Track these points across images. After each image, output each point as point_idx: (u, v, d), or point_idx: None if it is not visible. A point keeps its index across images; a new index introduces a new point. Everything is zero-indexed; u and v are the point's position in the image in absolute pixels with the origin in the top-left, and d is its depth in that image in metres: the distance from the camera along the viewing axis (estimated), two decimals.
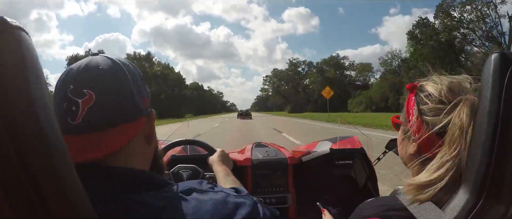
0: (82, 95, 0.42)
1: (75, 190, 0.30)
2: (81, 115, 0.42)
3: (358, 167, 1.33)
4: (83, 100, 0.42)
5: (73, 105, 0.42)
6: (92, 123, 0.42)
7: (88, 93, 0.42)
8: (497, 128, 0.41)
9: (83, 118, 0.42)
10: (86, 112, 0.42)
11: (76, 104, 0.42)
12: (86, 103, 0.42)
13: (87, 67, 0.45)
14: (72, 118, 0.42)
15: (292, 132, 11.18)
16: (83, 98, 0.42)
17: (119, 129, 0.44)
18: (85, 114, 0.42)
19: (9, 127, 0.25)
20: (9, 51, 0.27)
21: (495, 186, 0.42)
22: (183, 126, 2.20)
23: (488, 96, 0.42)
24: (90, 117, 0.42)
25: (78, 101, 0.42)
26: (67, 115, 0.42)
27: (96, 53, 0.49)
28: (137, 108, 0.47)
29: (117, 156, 0.45)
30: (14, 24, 0.28)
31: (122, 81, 0.46)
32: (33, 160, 0.27)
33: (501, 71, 0.42)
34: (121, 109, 0.45)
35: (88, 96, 0.42)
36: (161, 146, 1.15)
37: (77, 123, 0.42)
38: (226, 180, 0.83)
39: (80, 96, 0.42)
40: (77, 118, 0.42)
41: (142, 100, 0.48)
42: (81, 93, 0.42)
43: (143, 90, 0.49)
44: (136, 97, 0.47)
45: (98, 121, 0.43)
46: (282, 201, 1.25)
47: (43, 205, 0.27)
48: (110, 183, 0.43)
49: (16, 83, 0.27)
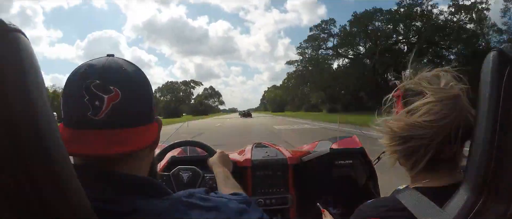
0: (109, 91, 0.42)
1: (74, 191, 0.30)
2: (105, 111, 0.42)
3: (358, 167, 1.33)
4: (109, 96, 0.42)
5: (97, 100, 0.42)
6: (115, 120, 0.42)
7: (114, 90, 0.42)
8: (497, 126, 0.41)
9: (107, 114, 0.42)
10: (110, 108, 0.42)
11: (100, 99, 0.42)
12: (111, 99, 0.42)
13: (111, 65, 0.45)
14: (94, 113, 0.42)
15: None
16: (110, 94, 0.42)
17: (142, 130, 0.45)
18: (109, 110, 0.42)
19: (9, 129, 0.26)
20: (7, 53, 0.27)
21: (495, 185, 0.42)
22: (183, 127, 2.20)
23: (487, 94, 0.42)
24: (114, 114, 0.42)
25: (104, 96, 0.42)
26: (87, 109, 0.42)
27: (111, 54, 0.49)
28: (153, 112, 0.48)
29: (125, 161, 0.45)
30: (12, 27, 0.28)
31: (144, 85, 0.47)
32: (33, 162, 0.27)
33: (500, 69, 0.42)
34: (143, 110, 0.46)
35: (115, 93, 0.42)
36: (161, 148, 1.15)
37: (100, 118, 0.42)
38: (226, 182, 0.83)
39: (107, 92, 0.42)
40: (100, 113, 0.42)
41: (154, 107, 0.50)
42: (107, 89, 0.42)
43: (153, 98, 0.51)
44: (152, 102, 0.49)
45: (122, 118, 0.43)
46: (282, 202, 1.25)
47: (43, 206, 0.27)
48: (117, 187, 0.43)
49: (14, 85, 0.27)
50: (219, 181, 0.85)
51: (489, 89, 0.42)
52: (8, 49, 0.27)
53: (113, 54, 0.49)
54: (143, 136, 0.45)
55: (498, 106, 0.41)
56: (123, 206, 0.41)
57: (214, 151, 1.07)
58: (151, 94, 0.48)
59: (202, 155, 1.20)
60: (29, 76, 0.28)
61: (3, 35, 0.27)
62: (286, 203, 1.25)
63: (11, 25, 0.28)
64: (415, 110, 0.50)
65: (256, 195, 1.23)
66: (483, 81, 0.44)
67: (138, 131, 0.45)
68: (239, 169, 1.22)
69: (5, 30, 0.27)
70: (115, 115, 0.42)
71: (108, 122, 0.42)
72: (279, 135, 11.52)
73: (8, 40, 0.27)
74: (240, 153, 1.40)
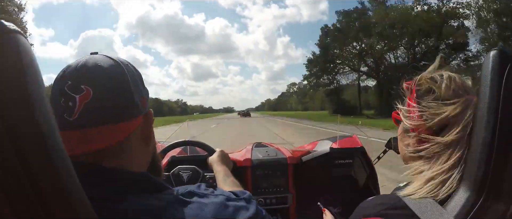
0: (80, 90, 0.42)
1: (74, 190, 0.31)
2: (78, 111, 0.42)
3: (358, 166, 1.33)
4: (81, 96, 0.42)
5: (70, 101, 0.42)
6: (88, 118, 0.42)
7: (85, 88, 0.43)
8: (497, 125, 0.41)
9: (80, 113, 0.42)
10: (83, 108, 0.42)
11: (72, 100, 0.42)
12: (83, 99, 0.42)
13: (86, 64, 0.45)
14: (69, 113, 0.42)
15: None
16: (81, 94, 0.42)
17: (116, 126, 0.44)
18: (82, 110, 0.42)
19: (9, 129, 0.26)
20: (6, 54, 0.27)
21: (495, 184, 0.42)
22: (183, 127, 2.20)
23: (487, 93, 0.42)
24: (86, 113, 0.42)
25: (75, 96, 0.42)
26: (63, 111, 0.42)
27: (95, 52, 0.49)
28: (135, 107, 0.47)
29: (113, 155, 0.45)
30: (11, 28, 0.28)
31: (120, 80, 0.46)
32: (33, 161, 0.27)
33: (500, 68, 0.42)
34: (119, 106, 0.45)
35: (86, 92, 0.42)
36: (160, 147, 1.15)
37: (74, 118, 0.42)
38: (226, 180, 0.83)
39: (78, 92, 0.42)
40: (74, 114, 0.42)
41: (141, 100, 0.48)
42: (78, 88, 0.42)
43: (142, 90, 0.50)
44: (135, 96, 0.47)
45: (95, 116, 0.43)
46: (283, 201, 1.25)
47: (43, 205, 0.27)
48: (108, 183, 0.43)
49: (14, 86, 0.27)
50: (219, 180, 0.85)
51: (489, 88, 0.42)
52: (7, 51, 0.27)
53: (96, 52, 0.49)
54: (121, 131, 0.45)
55: (498, 105, 0.41)
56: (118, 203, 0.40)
57: (214, 150, 1.07)
58: (130, 88, 0.46)
59: (202, 155, 1.20)
60: (29, 77, 0.28)
61: (2, 37, 0.27)
62: (286, 203, 1.25)
63: (10, 26, 0.28)
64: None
65: (256, 194, 1.23)
66: (483, 80, 0.44)
67: (116, 128, 0.44)
68: (239, 168, 1.22)
69: (4, 32, 0.27)
70: (89, 114, 0.42)
71: (81, 122, 0.42)
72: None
73: (7, 42, 0.27)
74: (240, 153, 1.40)
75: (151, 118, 0.51)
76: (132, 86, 0.47)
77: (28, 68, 0.28)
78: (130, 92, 0.46)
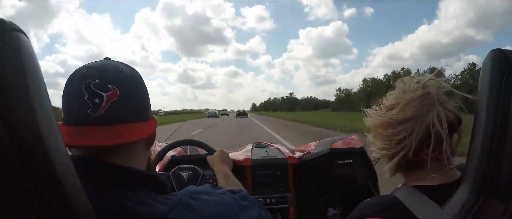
0: (107, 89, 0.45)
1: (74, 190, 0.31)
2: (104, 108, 0.44)
3: (358, 167, 1.33)
4: (108, 94, 0.45)
5: (97, 98, 0.44)
6: (114, 115, 0.45)
7: (113, 88, 0.46)
8: (496, 125, 0.41)
9: (106, 110, 0.44)
10: (109, 105, 0.45)
11: (100, 97, 0.44)
12: (110, 97, 0.45)
13: (107, 67, 0.48)
14: (94, 110, 0.44)
15: None
16: (108, 92, 0.45)
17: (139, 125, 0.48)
18: (109, 107, 0.45)
19: (9, 127, 0.26)
20: (7, 52, 0.27)
21: (494, 184, 0.42)
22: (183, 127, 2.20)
23: (487, 93, 0.42)
24: (112, 110, 0.45)
25: (103, 94, 0.45)
26: (87, 107, 0.44)
27: (108, 58, 0.52)
28: (149, 110, 0.51)
29: (122, 154, 0.47)
30: (13, 26, 0.28)
31: (140, 85, 0.51)
32: (33, 160, 0.27)
33: (499, 69, 0.42)
34: (139, 108, 0.49)
35: (113, 91, 0.45)
36: (161, 147, 1.15)
37: (99, 115, 0.44)
38: (227, 180, 0.83)
39: (105, 90, 0.45)
40: (100, 110, 0.44)
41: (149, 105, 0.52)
42: (106, 87, 0.45)
43: (149, 98, 0.53)
44: (148, 101, 0.52)
45: (120, 114, 0.46)
46: (282, 201, 1.25)
47: (42, 205, 0.27)
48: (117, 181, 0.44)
49: (15, 84, 0.27)
50: (220, 180, 0.85)
51: (489, 88, 0.42)
52: (8, 48, 0.27)
53: (109, 57, 0.53)
54: (139, 131, 0.48)
55: (497, 105, 0.41)
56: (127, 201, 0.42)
57: (214, 150, 1.07)
58: (147, 94, 0.52)
59: (202, 154, 1.20)
60: (29, 75, 0.28)
61: (3, 35, 0.27)
62: (286, 202, 1.25)
63: (11, 24, 0.28)
64: (392, 107, 0.53)
65: (255, 194, 1.23)
66: (482, 80, 0.44)
67: (134, 127, 0.47)
68: (239, 168, 1.22)
69: (5, 30, 0.27)
70: (114, 111, 0.45)
71: (107, 118, 0.45)
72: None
73: (8, 39, 0.27)
74: (239, 152, 1.40)
75: (156, 123, 0.54)
76: (146, 91, 0.52)
77: (29, 66, 0.28)
78: (147, 97, 0.51)
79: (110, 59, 0.52)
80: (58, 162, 0.29)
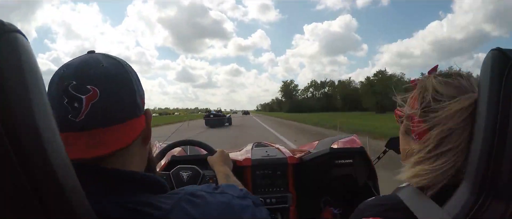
0: (86, 91, 0.41)
1: (73, 191, 0.31)
2: (85, 112, 0.40)
3: (358, 167, 1.33)
4: (87, 96, 0.41)
5: (76, 102, 0.41)
6: (96, 120, 0.41)
7: (92, 89, 0.41)
8: (496, 125, 0.41)
9: (86, 114, 0.41)
10: (90, 109, 0.41)
11: (79, 101, 0.41)
12: (90, 99, 0.41)
13: (87, 63, 0.44)
14: (74, 115, 0.41)
15: None
16: (87, 94, 0.41)
17: (124, 126, 0.43)
18: (89, 111, 0.41)
19: (8, 129, 0.26)
20: (6, 54, 0.27)
21: (494, 184, 0.42)
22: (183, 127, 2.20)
23: (487, 93, 0.42)
24: (94, 114, 0.41)
25: (82, 97, 0.41)
26: (67, 112, 0.41)
27: (92, 51, 0.48)
28: (138, 106, 0.46)
29: (117, 157, 0.44)
30: (11, 27, 0.28)
31: (125, 79, 0.45)
32: (32, 162, 0.27)
33: (500, 68, 0.41)
34: (125, 106, 0.44)
35: (93, 92, 0.41)
36: (161, 147, 1.15)
37: (80, 120, 0.41)
38: (227, 180, 0.83)
39: (84, 92, 0.41)
40: (80, 115, 0.40)
41: (140, 100, 0.48)
42: (84, 89, 0.41)
43: (141, 90, 0.49)
44: (137, 95, 0.47)
45: (102, 117, 0.42)
46: (282, 201, 1.25)
47: (43, 207, 0.27)
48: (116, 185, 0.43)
49: (14, 86, 0.27)
50: (220, 180, 0.85)
51: (489, 88, 0.42)
52: (6, 50, 0.27)
53: (93, 50, 0.48)
54: (128, 133, 0.44)
55: (498, 105, 0.41)
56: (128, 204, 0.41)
57: (214, 150, 1.07)
58: (134, 88, 0.46)
59: (202, 154, 1.20)
60: (28, 76, 0.28)
61: (1, 36, 0.27)
62: (286, 202, 1.25)
63: (9, 25, 0.28)
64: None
65: (256, 194, 1.23)
66: (482, 80, 0.44)
67: (122, 128, 0.43)
68: (239, 168, 1.22)
69: (4, 31, 0.27)
70: (96, 114, 0.41)
71: (89, 123, 0.41)
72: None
73: (6, 41, 0.27)
74: (240, 152, 1.40)
75: (150, 118, 0.51)
76: (134, 85, 0.46)
77: (28, 67, 0.28)
78: (133, 92, 0.46)
79: (94, 52, 0.48)
80: (57, 162, 0.29)
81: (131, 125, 0.44)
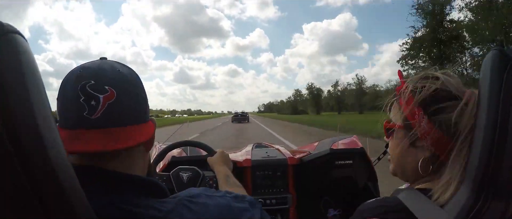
0: (104, 91, 0.43)
1: (73, 191, 0.31)
2: (101, 110, 0.43)
3: (358, 167, 1.33)
4: (105, 96, 0.43)
5: (93, 100, 0.43)
6: (111, 118, 0.43)
7: (109, 89, 0.44)
8: (496, 125, 0.41)
9: (103, 112, 0.43)
10: (106, 107, 0.43)
11: (96, 99, 0.43)
12: (107, 99, 0.43)
13: (103, 67, 0.46)
14: (90, 112, 0.42)
15: None
16: (105, 94, 0.43)
17: (137, 128, 0.46)
18: (105, 109, 0.43)
19: (8, 129, 0.26)
20: (5, 55, 0.27)
21: (495, 184, 0.41)
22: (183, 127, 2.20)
23: (487, 93, 0.42)
24: (109, 113, 0.43)
25: (100, 96, 0.43)
26: (83, 109, 0.42)
27: (104, 57, 0.51)
28: (147, 111, 0.50)
29: (120, 160, 0.46)
30: (10, 28, 0.28)
31: (138, 86, 0.49)
32: (32, 162, 0.27)
33: (500, 68, 0.41)
34: (137, 110, 0.47)
35: (110, 93, 0.43)
36: (161, 148, 1.15)
37: (96, 117, 0.43)
38: (227, 181, 0.83)
39: (102, 92, 0.43)
40: (97, 113, 0.43)
41: (147, 108, 0.51)
42: (102, 89, 0.43)
43: (147, 99, 0.52)
44: (146, 103, 0.50)
45: (117, 117, 0.44)
46: (282, 202, 1.25)
47: (43, 206, 0.27)
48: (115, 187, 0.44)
49: (13, 86, 0.27)
50: (221, 181, 0.85)
51: (489, 88, 0.42)
52: (6, 51, 0.27)
53: (105, 57, 0.51)
54: (138, 134, 0.46)
55: (498, 105, 0.41)
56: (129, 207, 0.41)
57: (214, 151, 1.07)
58: (145, 95, 0.50)
59: (202, 155, 1.20)
60: (28, 76, 0.28)
61: (1, 37, 0.27)
62: (286, 203, 1.25)
63: (8, 26, 0.28)
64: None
65: (256, 195, 1.23)
66: (483, 80, 0.44)
67: (133, 130, 0.45)
68: (239, 169, 1.22)
69: (3, 32, 0.27)
70: (111, 114, 0.43)
71: (104, 121, 0.43)
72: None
73: (6, 42, 0.27)
74: (240, 153, 1.40)
75: (155, 124, 0.53)
76: (144, 93, 0.50)
77: (27, 68, 0.28)
78: (144, 99, 0.49)
79: (106, 59, 0.50)
80: (57, 162, 0.29)
81: (142, 128, 0.47)
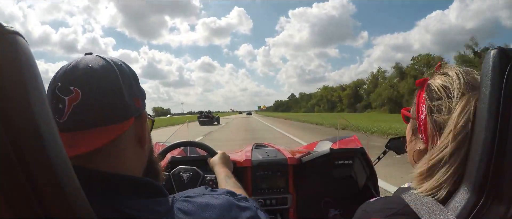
0: (69, 92, 0.42)
1: (73, 191, 0.31)
2: (67, 113, 0.41)
3: (358, 167, 1.33)
4: (70, 98, 0.42)
5: (60, 103, 0.42)
6: (78, 121, 0.42)
7: (74, 90, 0.42)
8: (497, 125, 0.41)
9: (69, 115, 0.41)
10: (72, 110, 0.41)
11: (62, 101, 0.42)
12: (72, 101, 0.42)
13: (77, 65, 0.44)
14: (59, 116, 0.42)
15: None
16: (70, 96, 0.42)
17: (106, 128, 0.43)
18: (71, 112, 0.41)
19: (8, 130, 0.26)
20: (5, 55, 0.27)
21: (495, 185, 0.41)
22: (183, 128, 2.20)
23: (487, 93, 0.42)
24: (75, 115, 0.42)
25: (65, 98, 0.42)
26: (54, 113, 0.42)
27: (89, 53, 0.48)
28: (127, 108, 0.45)
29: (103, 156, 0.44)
30: (9, 29, 0.28)
31: (111, 80, 0.44)
32: (32, 162, 0.27)
33: (501, 67, 0.41)
34: (109, 108, 0.43)
35: (75, 94, 0.42)
36: (161, 148, 1.16)
37: (63, 120, 0.41)
38: (227, 182, 0.83)
39: (67, 94, 0.42)
40: (63, 116, 0.41)
41: (134, 101, 0.47)
42: (67, 90, 0.42)
43: (136, 91, 0.49)
44: (126, 97, 0.45)
45: (84, 118, 0.42)
46: (283, 202, 1.25)
47: (42, 205, 0.27)
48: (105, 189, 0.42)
49: (13, 87, 0.27)
50: (220, 181, 0.85)
51: (489, 87, 0.42)
52: (6, 51, 0.27)
53: (91, 52, 0.48)
54: (110, 133, 0.43)
55: (498, 105, 0.41)
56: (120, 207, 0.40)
57: (215, 151, 1.07)
58: (121, 89, 0.45)
59: (202, 156, 1.20)
60: (28, 77, 0.28)
61: (1, 37, 0.27)
62: (286, 203, 1.25)
63: (8, 27, 0.28)
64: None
65: (256, 195, 1.23)
66: (483, 80, 0.44)
67: (106, 130, 0.43)
68: (239, 169, 1.22)
69: (3, 32, 0.27)
70: (76, 116, 0.42)
71: (69, 125, 0.41)
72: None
73: (5, 42, 0.27)
74: (240, 153, 1.40)
75: (145, 119, 0.50)
76: (123, 86, 0.45)
77: (27, 69, 0.28)
78: (120, 93, 0.45)
79: (91, 54, 0.48)
80: (57, 162, 0.29)
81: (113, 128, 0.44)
